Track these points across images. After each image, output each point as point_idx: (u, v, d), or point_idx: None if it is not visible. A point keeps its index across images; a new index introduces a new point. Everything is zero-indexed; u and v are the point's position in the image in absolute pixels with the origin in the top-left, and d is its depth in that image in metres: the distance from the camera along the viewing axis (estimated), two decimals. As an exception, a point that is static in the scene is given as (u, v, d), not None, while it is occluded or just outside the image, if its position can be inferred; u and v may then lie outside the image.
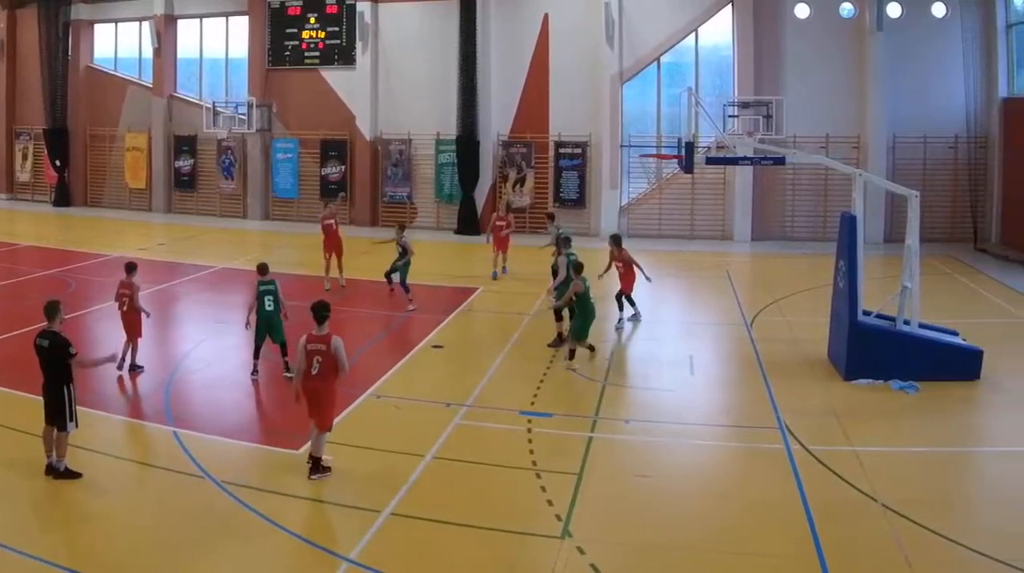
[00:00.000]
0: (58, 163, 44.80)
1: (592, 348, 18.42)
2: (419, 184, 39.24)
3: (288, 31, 40.83)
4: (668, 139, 35.64)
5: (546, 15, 36.99)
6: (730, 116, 30.92)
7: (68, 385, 12.38)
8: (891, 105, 33.69)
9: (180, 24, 43.47)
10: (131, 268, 18.00)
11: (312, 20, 40.42)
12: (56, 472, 12.31)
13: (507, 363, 18.73)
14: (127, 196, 44.74)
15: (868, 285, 18.31)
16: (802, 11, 34.74)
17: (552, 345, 19.44)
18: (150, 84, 43.73)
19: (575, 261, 19.04)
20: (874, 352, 16.97)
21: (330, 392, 12.83)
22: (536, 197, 37.19)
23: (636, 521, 11.53)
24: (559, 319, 19.59)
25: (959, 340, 17.71)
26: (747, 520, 11.54)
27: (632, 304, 21.93)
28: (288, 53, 40.95)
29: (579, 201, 36.86)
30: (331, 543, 10.83)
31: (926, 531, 10.89)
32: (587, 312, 18.13)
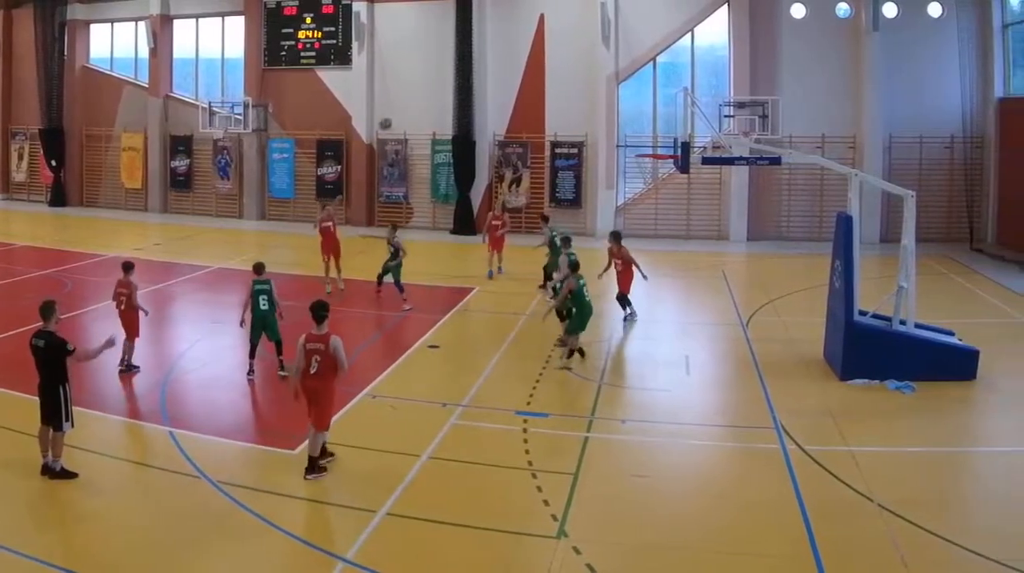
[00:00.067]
0: (54, 163, 44.79)
1: (583, 352, 18.33)
2: (415, 184, 39.25)
3: (284, 31, 40.81)
4: (664, 139, 35.61)
5: (542, 15, 37.01)
6: (726, 116, 30.89)
7: (64, 385, 12.37)
8: (887, 105, 33.73)
9: (176, 24, 43.44)
10: (128, 267, 17.98)
11: (308, 20, 40.41)
12: (52, 472, 12.29)
13: (503, 363, 18.72)
14: (123, 196, 44.71)
15: (864, 285, 18.28)
16: (798, 11, 34.78)
17: (561, 343, 19.28)
18: (146, 84, 43.72)
19: (573, 260, 19.02)
20: (870, 352, 16.97)
21: (328, 391, 12.82)
22: (532, 197, 37.19)
23: (632, 521, 11.52)
24: (563, 319, 19.52)
25: (955, 340, 17.72)
26: (743, 520, 11.53)
27: (628, 304, 21.95)
28: (284, 53, 40.94)
29: (575, 201, 36.87)
30: (327, 543, 10.81)
31: (922, 531, 10.89)
32: (583, 309, 18.11)
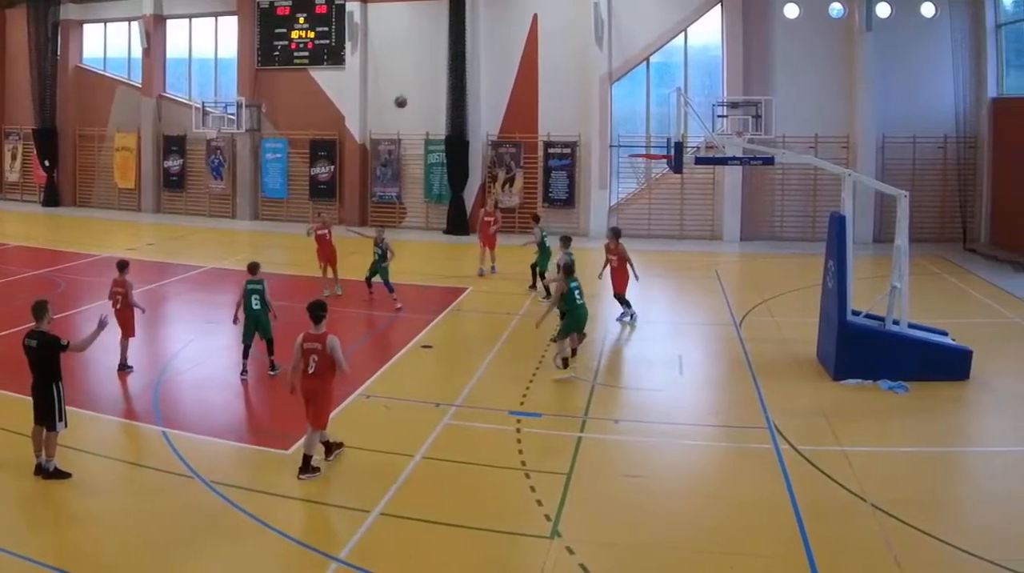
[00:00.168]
0: (47, 163, 44.64)
1: (574, 351, 18.12)
2: (408, 184, 39.20)
3: (277, 31, 40.74)
4: (657, 139, 35.65)
5: (535, 15, 36.96)
6: (719, 116, 30.96)
7: (57, 383, 12.38)
8: (880, 105, 33.77)
9: (169, 24, 43.32)
10: (123, 266, 18.00)
11: (301, 20, 40.33)
12: (45, 472, 12.28)
13: (496, 363, 18.72)
14: (116, 196, 44.61)
15: (857, 285, 18.32)
16: (791, 11, 34.79)
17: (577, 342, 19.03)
18: (139, 84, 43.59)
19: (569, 261, 18.94)
20: (863, 352, 16.98)
21: (326, 391, 12.86)
22: (525, 197, 37.18)
23: (625, 521, 11.53)
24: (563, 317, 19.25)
25: (948, 340, 17.73)
26: (736, 520, 11.55)
27: (628, 305, 21.94)
28: (277, 53, 40.86)
29: (568, 201, 36.87)
30: (320, 543, 10.79)
31: (915, 531, 10.91)
32: (574, 312, 17.85)
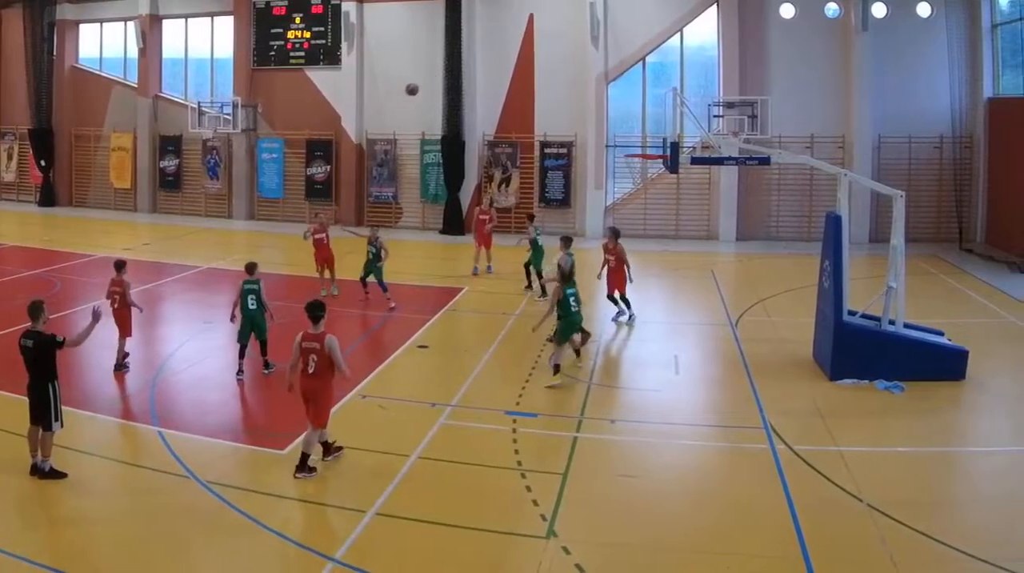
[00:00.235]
0: (43, 163, 44.60)
1: (577, 353, 18.08)
2: (404, 184, 39.17)
3: (273, 31, 40.72)
4: (653, 139, 35.70)
5: (531, 15, 36.95)
6: (715, 116, 30.81)
7: (53, 382, 12.38)
8: (876, 105, 33.78)
9: (165, 24, 43.29)
10: (120, 266, 18.06)
11: (297, 20, 40.30)
12: (41, 472, 12.27)
13: (492, 363, 18.73)
14: (112, 196, 44.55)
15: (853, 285, 18.33)
16: (787, 11, 34.78)
17: (580, 342, 18.68)
18: (135, 84, 43.55)
19: (570, 264, 18.87)
20: (859, 352, 17.00)
21: (326, 390, 12.90)
22: (521, 197, 37.15)
23: (621, 521, 11.53)
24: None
25: (944, 340, 17.74)
26: (732, 520, 11.55)
27: (615, 303, 21.94)
28: (273, 53, 40.84)
29: (564, 201, 36.86)
30: (317, 543, 10.78)
31: (911, 531, 10.91)
32: (569, 318, 17.44)
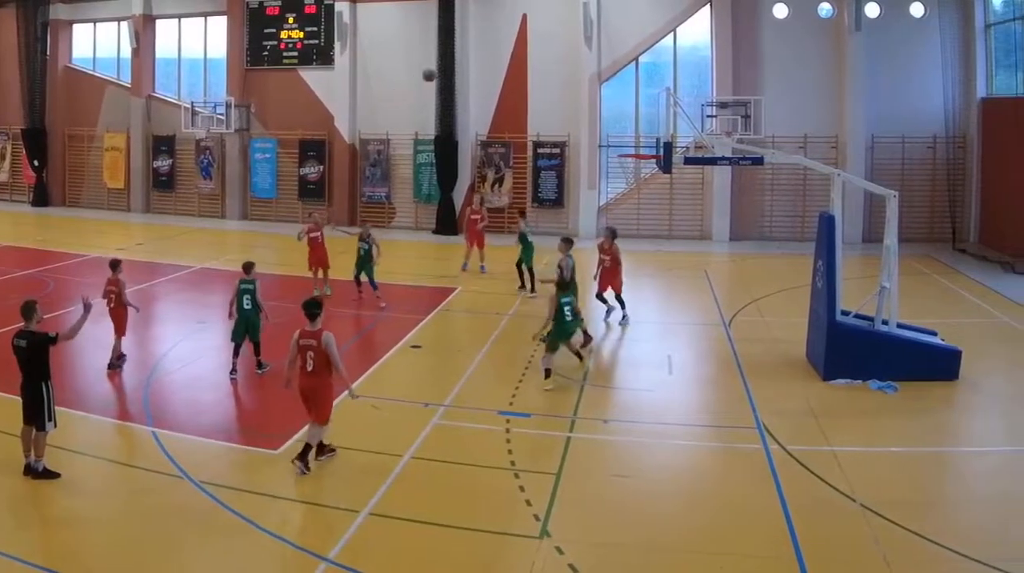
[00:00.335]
0: (36, 163, 44.44)
1: (580, 356, 17.79)
2: (397, 184, 39.13)
3: (267, 31, 40.62)
4: (646, 139, 35.66)
5: (524, 15, 36.91)
6: (708, 116, 30.75)
7: (47, 382, 12.37)
8: (870, 105, 33.80)
9: (158, 24, 43.16)
10: (115, 265, 18.05)
11: (290, 20, 40.21)
12: (34, 472, 12.26)
13: (485, 363, 18.73)
14: (105, 196, 44.45)
15: (846, 285, 18.31)
16: (780, 11, 34.82)
17: (583, 345, 18.67)
18: (128, 84, 43.43)
19: (570, 268, 18.84)
20: (852, 352, 17.01)
21: (326, 387, 12.95)
22: (514, 197, 37.10)
23: (615, 521, 11.54)
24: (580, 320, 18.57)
25: (938, 340, 17.77)
26: (725, 520, 11.57)
27: (604, 302, 21.91)
28: (267, 53, 40.75)
29: (557, 201, 36.83)
30: (310, 543, 10.78)
31: (904, 531, 10.93)
32: (561, 325, 17.15)
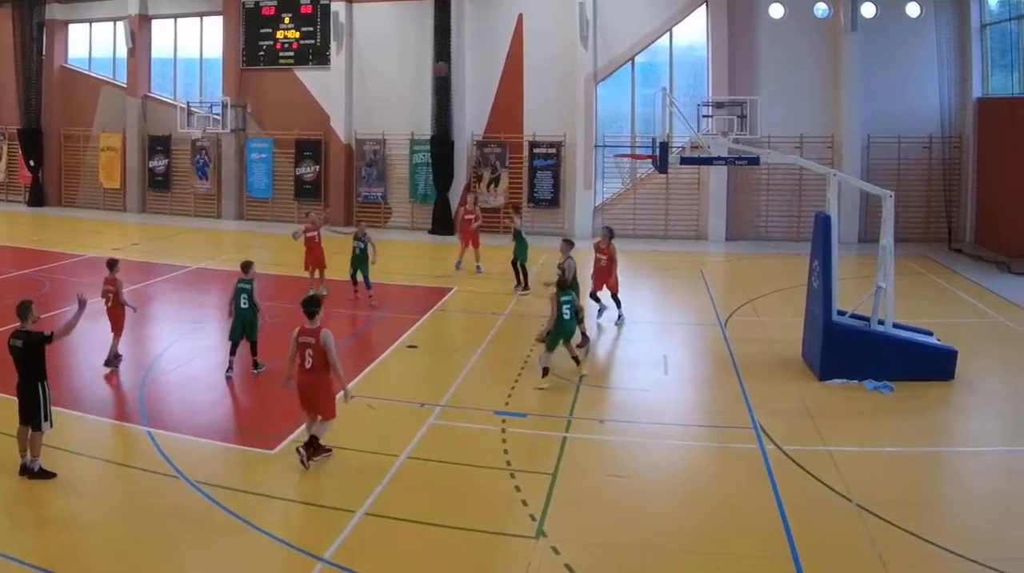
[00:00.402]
0: (32, 163, 44.44)
1: (577, 361, 17.80)
2: (393, 184, 39.16)
3: (262, 31, 40.66)
4: (642, 139, 35.72)
5: (520, 15, 36.95)
6: (704, 116, 30.91)
7: (43, 382, 12.34)
8: (866, 105, 33.86)
9: (154, 24, 43.21)
10: (112, 264, 18.02)
11: (286, 20, 40.24)
12: (30, 472, 12.23)
13: (482, 363, 18.72)
14: (101, 196, 44.45)
15: (842, 285, 18.35)
16: (776, 11, 34.86)
17: (579, 345, 18.69)
18: (124, 84, 43.47)
19: (571, 269, 18.81)
20: (848, 352, 17.01)
21: (325, 383, 13.01)
22: (510, 197, 37.09)
23: (611, 521, 11.53)
24: (580, 322, 18.71)
25: (934, 340, 17.78)
26: (721, 520, 11.56)
27: (598, 301, 21.90)
28: (262, 53, 40.78)
29: (553, 201, 36.86)
30: (306, 543, 10.75)
31: (900, 530, 10.92)
32: (560, 324, 17.20)
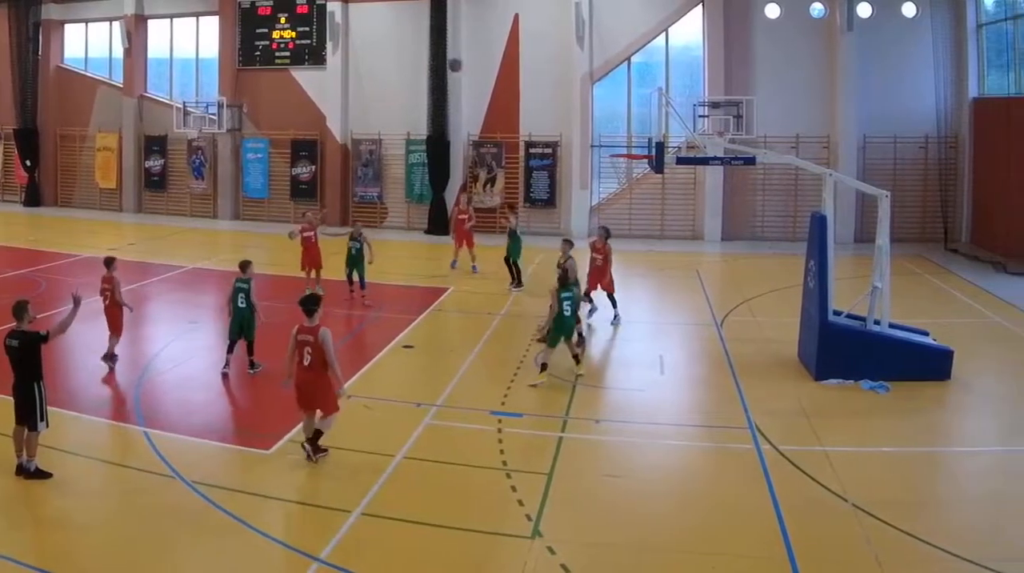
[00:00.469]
0: (28, 163, 44.41)
1: (577, 359, 17.79)
2: (389, 184, 39.13)
3: (259, 31, 40.62)
4: (638, 139, 35.64)
5: (516, 15, 36.93)
6: (700, 116, 30.84)
7: (39, 382, 12.33)
8: (861, 105, 33.86)
9: (150, 24, 43.14)
10: (109, 262, 18.02)
11: (282, 20, 40.21)
12: (26, 472, 12.22)
13: (478, 363, 18.72)
14: (97, 196, 44.38)
15: (838, 285, 18.32)
16: (772, 11, 34.84)
17: (577, 345, 18.49)
18: (120, 84, 43.40)
19: (570, 269, 18.82)
20: (844, 352, 17.03)
21: (324, 380, 13.05)
22: (507, 197, 37.02)
23: (607, 521, 11.53)
24: (577, 321, 18.63)
25: (929, 340, 17.78)
26: (717, 520, 11.57)
27: (591, 301, 21.87)
28: (259, 53, 40.75)
29: (549, 201, 36.85)
30: (302, 543, 10.75)
31: (896, 531, 10.93)
32: (560, 320, 17.27)
